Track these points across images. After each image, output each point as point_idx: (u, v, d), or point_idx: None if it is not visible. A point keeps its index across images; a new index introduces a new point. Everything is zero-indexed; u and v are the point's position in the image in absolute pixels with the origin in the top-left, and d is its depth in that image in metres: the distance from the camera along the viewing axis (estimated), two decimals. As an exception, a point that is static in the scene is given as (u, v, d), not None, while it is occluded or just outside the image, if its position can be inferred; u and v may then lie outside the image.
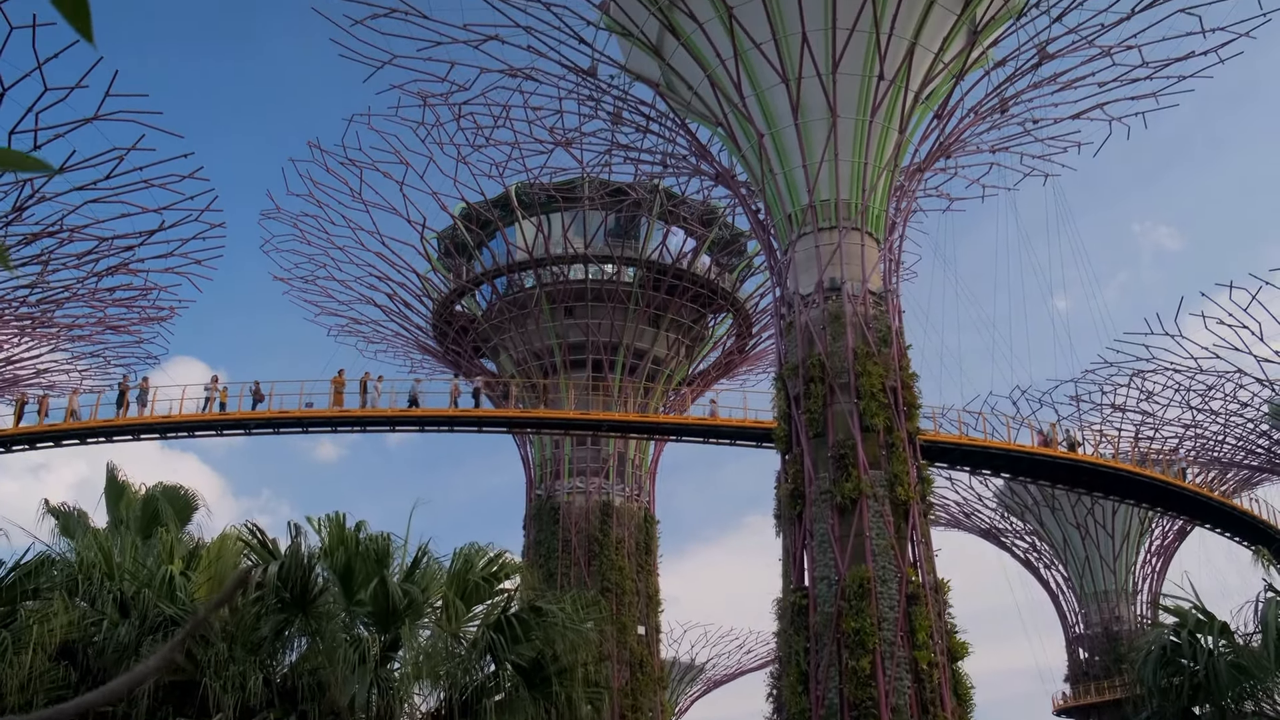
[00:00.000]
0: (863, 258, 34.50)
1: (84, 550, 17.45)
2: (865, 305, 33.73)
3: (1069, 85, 42.08)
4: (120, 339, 53.86)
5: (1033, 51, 39.40)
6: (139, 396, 41.75)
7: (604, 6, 38.28)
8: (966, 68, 37.71)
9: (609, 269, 56.01)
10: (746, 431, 43.20)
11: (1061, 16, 38.30)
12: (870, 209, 35.14)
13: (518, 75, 41.78)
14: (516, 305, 56.37)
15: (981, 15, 36.95)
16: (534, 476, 57.04)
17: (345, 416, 42.16)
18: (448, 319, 58.52)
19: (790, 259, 35.43)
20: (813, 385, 32.75)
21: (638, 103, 42.51)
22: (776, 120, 35.63)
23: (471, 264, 57.40)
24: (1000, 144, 45.48)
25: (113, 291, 48.86)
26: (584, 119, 45.46)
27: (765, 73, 35.48)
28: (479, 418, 44.65)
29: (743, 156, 37.62)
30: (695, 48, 36.68)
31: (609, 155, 48.51)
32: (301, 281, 58.12)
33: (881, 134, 35.38)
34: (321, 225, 54.68)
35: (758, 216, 38.60)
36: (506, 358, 57.95)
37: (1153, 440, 61.57)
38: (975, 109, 39.93)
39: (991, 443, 44.44)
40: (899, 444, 32.04)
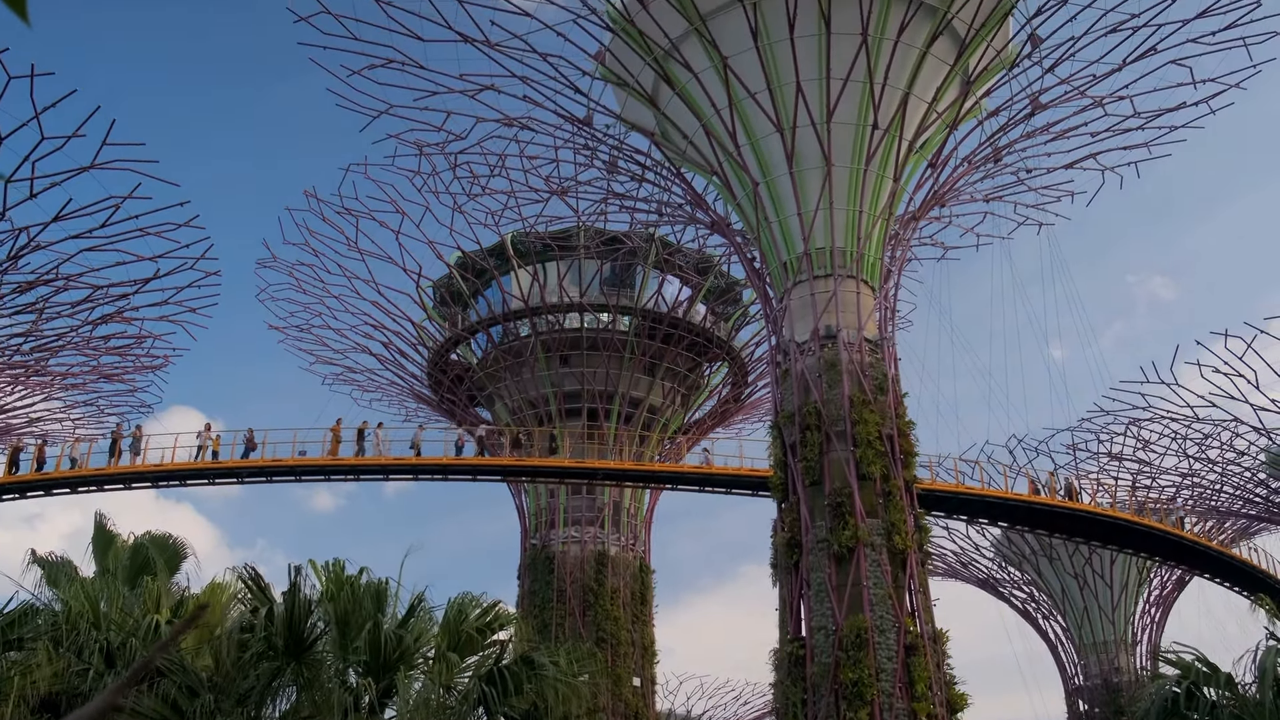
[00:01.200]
0: (858, 305, 34.49)
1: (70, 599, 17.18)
2: (861, 353, 33.66)
3: (1062, 135, 42.37)
4: (114, 387, 53.74)
5: (1025, 102, 39.71)
6: (132, 445, 41.47)
7: (599, 57, 38.57)
8: (960, 117, 37.96)
9: (604, 318, 56.00)
10: (742, 480, 42.94)
11: (1054, 67, 38.63)
12: (865, 257, 35.19)
13: (514, 125, 42.01)
14: (512, 354, 56.27)
15: (974, 66, 37.26)
16: (529, 526, 56.64)
17: (339, 465, 41.87)
18: (443, 368, 58.39)
19: (786, 307, 35.41)
20: (809, 433, 32.59)
21: (633, 152, 42.73)
22: (771, 169, 35.78)
23: (467, 313, 57.38)
24: (994, 193, 45.72)
25: (107, 340, 48.77)
26: (580, 168, 45.68)
27: (760, 122, 35.68)
28: (473, 466, 44.37)
29: (738, 205, 37.73)
30: (690, 97, 36.92)
31: (605, 204, 48.70)
32: (297, 330, 58.08)
33: (876, 182, 35.52)
34: (317, 274, 54.74)
35: (753, 265, 38.65)
36: (502, 406, 57.75)
37: (1150, 489, 61.33)
38: (969, 158, 40.17)
39: (989, 491, 44.21)
40: (896, 492, 31.83)
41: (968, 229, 49.47)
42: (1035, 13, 36.48)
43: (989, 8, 35.68)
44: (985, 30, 36.13)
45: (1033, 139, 41.72)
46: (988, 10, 35.70)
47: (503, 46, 37.38)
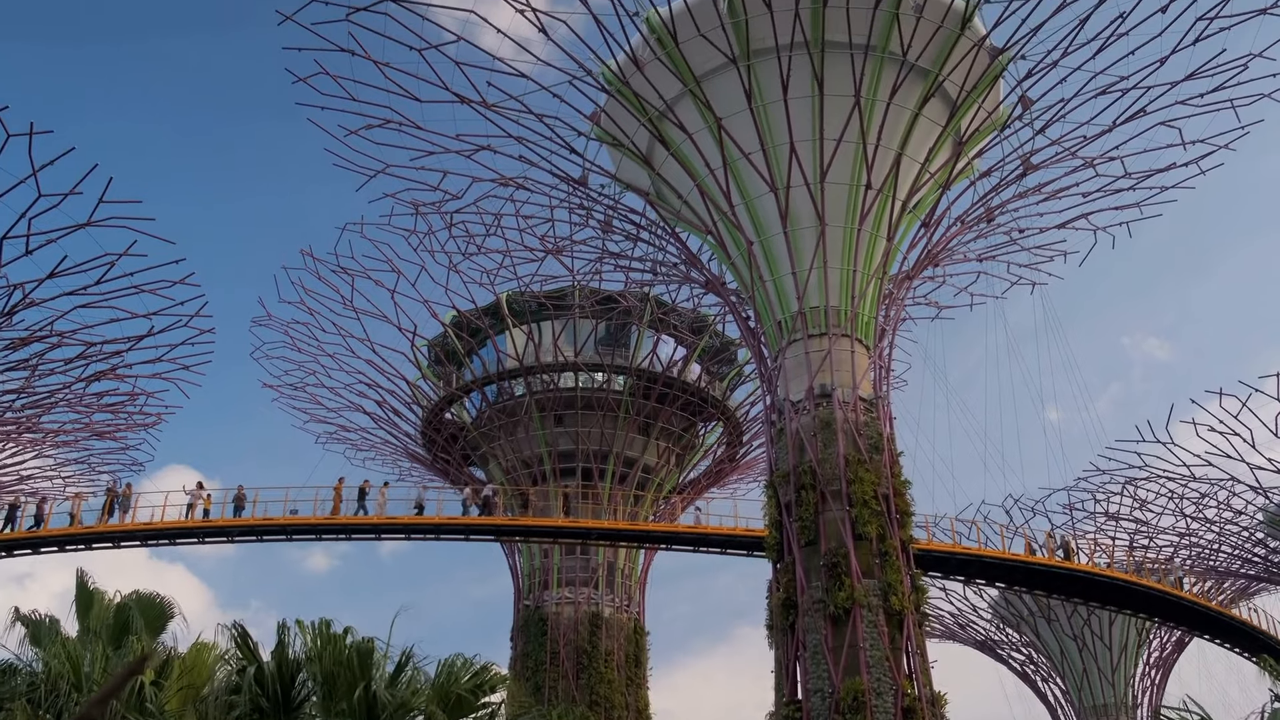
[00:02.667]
0: (853, 364, 34.45)
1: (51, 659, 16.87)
2: (856, 412, 33.56)
3: (1053, 196, 42.67)
4: (105, 445, 53.49)
5: (1017, 162, 40.02)
6: (121, 503, 41.13)
7: (595, 117, 38.89)
8: (952, 178, 38.24)
9: (599, 377, 55.95)
10: (737, 540, 42.63)
11: (1045, 129, 39.01)
12: (860, 316, 35.23)
13: (510, 184, 42.24)
14: (506, 413, 56.13)
15: (966, 127, 37.61)
16: (522, 587, 56.13)
17: (330, 524, 41.52)
18: (437, 426, 58.20)
19: (780, 365, 35.38)
20: (804, 492, 32.38)
21: (628, 211, 42.94)
22: (766, 228, 35.94)
23: (461, 372, 57.33)
24: (987, 253, 45.94)
25: (100, 397, 48.63)
26: (575, 227, 45.88)
27: (754, 182, 35.91)
28: (466, 526, 44.02)
29: (732, 264, 37.85)
30: (685, 157, 37.19)
31: (600, 263, 48.85)
32: (291, 388, 58.01)
33: (870, 242, 35.67)
34: (312, 332, 54.79)
35: (748, 323, 38.68)
36: (496, 466, 57.50)
37: (1147, 549, 60.93)
38: (962, 218, 40.39)
39: (986, 551, 43.88)
40: (892, 553, 31.54)
41: (961, 288, 49.67)
42: (1026, 75, 36.91)
43: (980, 70, 36.10)
44: (976, 92, 36.52)
45: (1025, 199, 42.00)
46: (979, 73, 36.11)
47: (499, 107, 37.71)
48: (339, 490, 42.33)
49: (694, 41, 35.17)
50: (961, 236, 41.43)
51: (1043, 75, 36.77)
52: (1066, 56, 36.08)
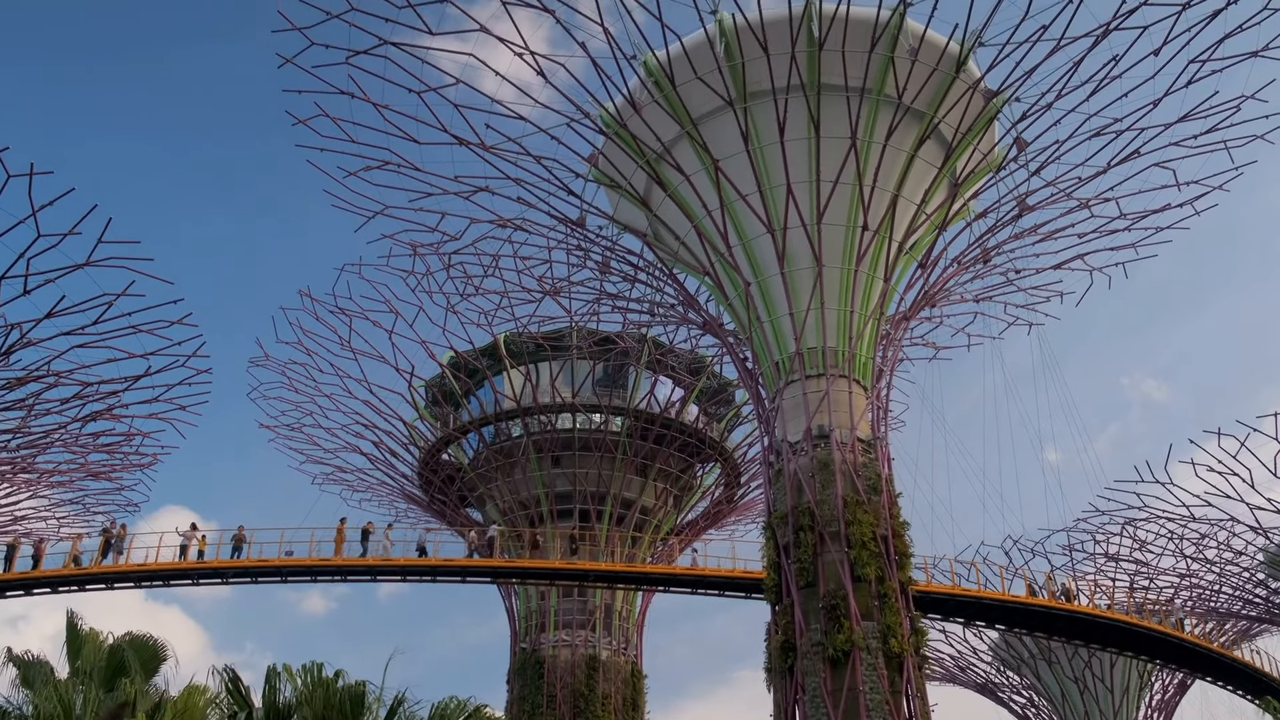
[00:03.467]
0: (851, 405, 34.42)
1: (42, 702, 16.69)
2: (854, 453, 33.48)
3: (1049, 236, 42.84)
4: (100, 485, 53.28)
5: (1013, 204, 40.22)
6: (115, 544, 40.88)
7: (593, 159, 39.11)
8: (948, 219, 38.40)
9: (597, 418, 55.84)
10: (736, 582, 42.35)
11: (1040, 170, 39.22)
12: (857, 357, 35.25)
13: (508, 225, 42.41)
14: (503, 454, 55.97)
15: (961, 169, 37.82)
16: (519, 629, 55.68)
17: (325, 565, 41.25)
18: (434, 468, 58.01)
19: (778, 406, 35.33)
20: (802, 534, 32.23)
21: (626, 252, 43.06)
22: (763, 269, 36.04)
23: (459, 413, 57.23)
24: (984, 293, 46.03)
25: (96, 437, 48.49)
26: (572, 268, 46.01)
27: (751, 223, 36.05)
28: (462, 567, 43.73)
29: (730, 305, 37.91)
30: (682, 199, 37.35)
31: (597, 304, 48.92)
32: (287, 429, 57.86)
33: (867, 283, 35.76)
34: (309, 373, 54.76)
35: (745, 364, 38.68)
36: (493, 507, 57.25)
37: (1148, 590, 60.59)
38: (958, 259, 40.51)
39: (985, 593, 43.61)
40: (891, 594, 31.35)
41: (959, 329, 49.77)
42: (1020, 117, 37.17)
43: (975, 112, 36.36)
44: (971, 134, 36.76)
45: (1021, 240, 42.17)
46: (973, 115, 36.38)
47: (498, 149, 37.93)
48: (341, 531, 42.09)
49: (691, 84, 35.45)
50: (958, 277, 41.56)
51: (1037, 117, 37.06)
52: (1061, 99, 36.37)
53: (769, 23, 33.95)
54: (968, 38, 34.71)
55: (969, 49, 35.05)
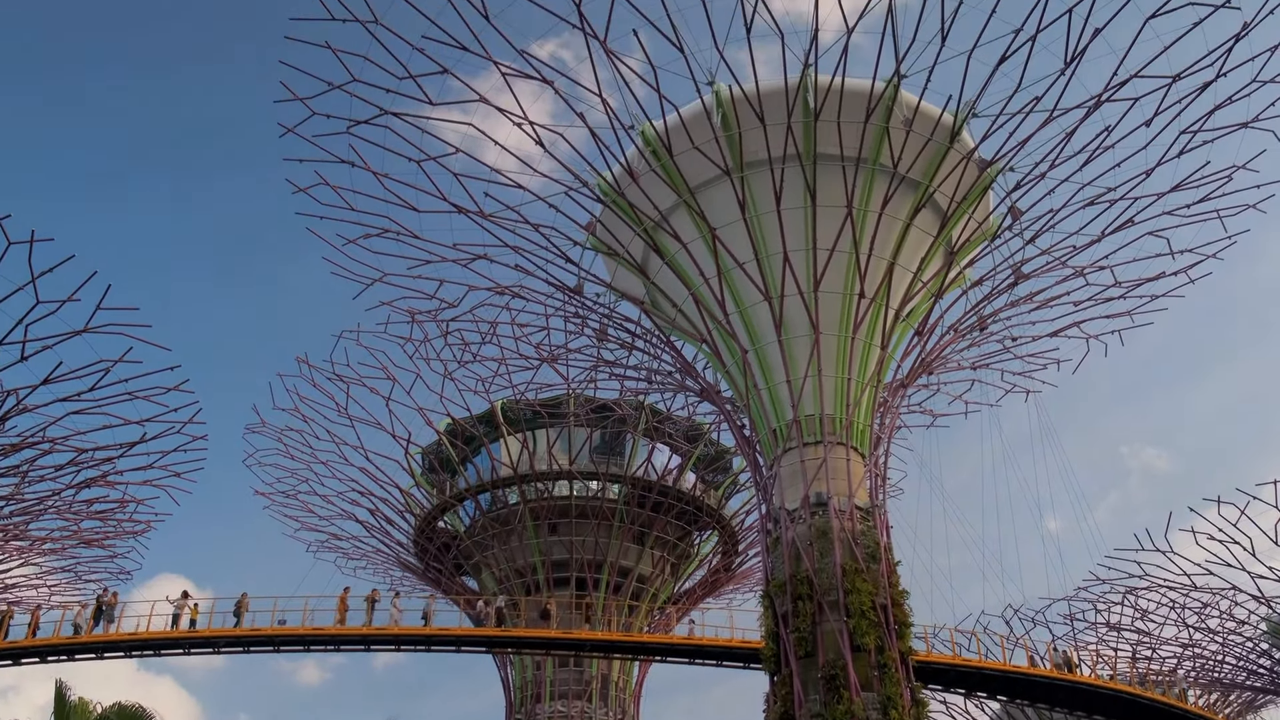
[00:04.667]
0: (849, 473, 34.26)
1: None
2: (852, 521, 33.26)
3: (1045, 304, 43.00)
4: (93, 553, 52.86)
5: (1008, 271, 40.42)
6: (105, 612, 40.40)
7: (590, 227, 39.36)
8: (945, 287, 38.56)
9: (594, 486, 55.64)
10: (734, 652, 41.87)
11: (1034, 239, 39.47)
12: (855, 424, 35.17)
13: (506, 293, 42.56)
14: (500, 522, 55.66)
15: (957, 237, 38.06)
16: (514, 700, 54.95)
17: (319, 635, 40.73)
18: (429, 535, 57.65)
19: (776, 474, 35.17)
20: (801, 603, 31.90)
21: (623, 320, 43.16)
22: (760, 337, 36.10)
23: (455, 480, 57.02)
24: (981, 361, 46.10)
25: (90, 504, 48.20)
26: (570, 336, 46.10)
27: (748, 291, 36.18)
28: (457, 637, 43.19)
29: (727, 372, 37.92)
30: (680, 267, 37.53)
31: (595, 372, 48.92)
32: (283, 496, 57.59)
33: (864, 350, 35.80)
34: (306, 440, 54.66)
35: (743, 432, 38.57)
36: (488, 575, 56.79)
37: (1150, 660, 59.93)
38: (955, 326, 40.61)
39: (987, 663, 43.10)
40: (891, 665, 30.94)
41: (956, 396, 49.74)
42: (1015, 186, 37.50)
43: (969, 182, 36.69)
44: (966, 203, 37.06)
45: (1017, 308, 42.33)
46: (968, 184, 36.70)
47: (496, 217, 38.19)
48: (343, 600, 41.66)
49: (688, 154, 35.80)
50: (955, 345, 41.64)
51: (1031, 186, 37.38)
52: (1054, 168, 36.73)
53: (765, 94, 34.38)
54: (961, 109, 35.14)
55: (963, 120, 35.47)
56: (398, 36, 33.08)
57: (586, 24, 31.75)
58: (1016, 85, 33.68)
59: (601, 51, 32.58)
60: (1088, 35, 32.46)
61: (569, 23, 31.69)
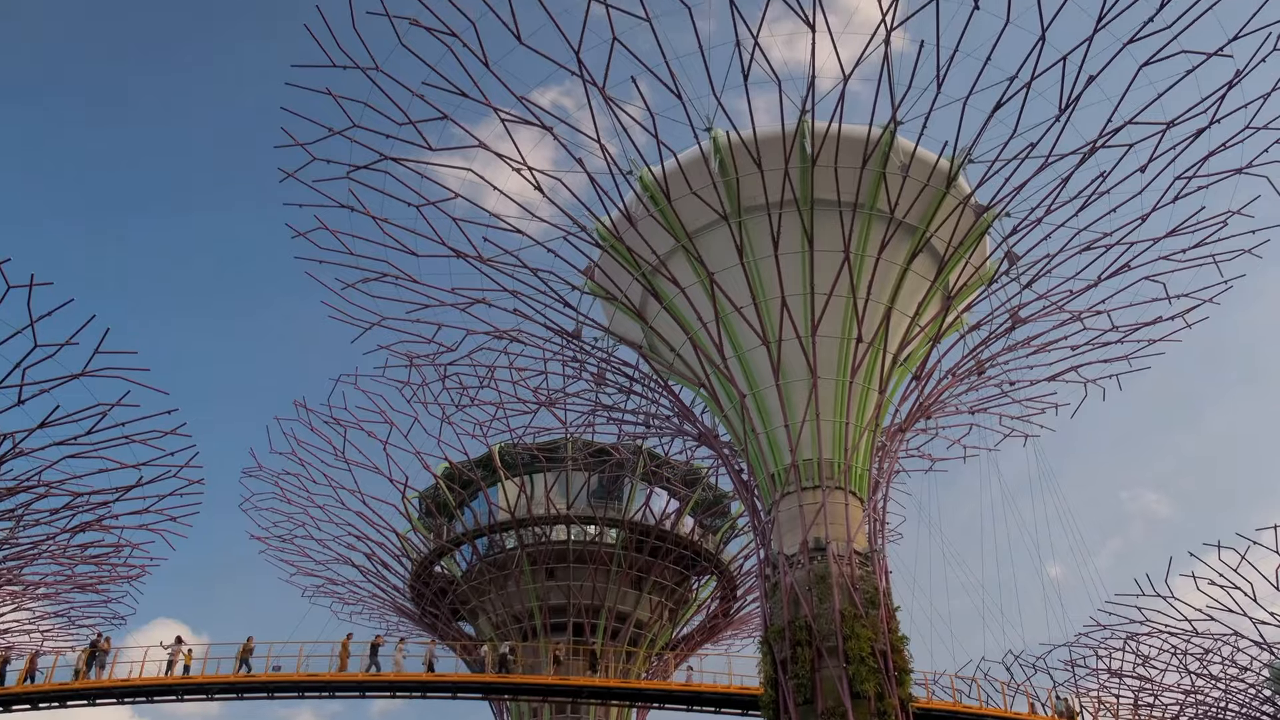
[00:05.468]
0: (847, 517, 34.14)
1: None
2: (851, 566, 33.08)
3: (1042, 348, 43.06)
4: (87, 598, 52.48)
5: (1005, 316, 40.54)
6: (99, 658, 40.08)
7: (589, 272, 39.48)
8: (942, 331, 38.64)
9: (591, 530, 55.40)
10: (732, 698, 41.52)
11: (1031, 283, 39.62)
12: (853, 468, 35.09)
13: (504, 337, 42.61)
14: (497, 566, 55.34)
15: (954, 282, 38.19)
16: (510, 747, 54.35)
17: (313, 681, 40.37)
18: (426, 580, 57.30)
19: (774, 519, 35.04)
20: (800, 649, 31.65)
21: (621, 364, 43.19)
22: (758, 381, 36.11)
23: (452, 524, 56.78)
24: (979, 405, 46.10)
25: (84, 549, 47.93)
26: (568, 380, 46.07)
27: (746, 335, 36.24)
28: (454, 683, 42.84)
29: (725, 417, 37.89)
30: (678, 311, 37.62)
31: (592, 416, 48.85)
32: (279, 540, 57.32)
33: (862, 395, 35.80)
34: (303, 483, 54.49)
35: (741, 476, 38.48)
36: (485, 620, 56.38)
37: (1153, 707, 59.36)
38: (953, 371, 40.66)
39: (988, 710, 42.72)
40: (891, 712, 30.65)
41: (954, 440, 49.69)
42: (1011, 231, 37.68)
43: (966, 227, 36.87)
44: (963, 248, 37.23)
45: (1014, 352, 42.40)
46: (965, 229, 36.88)
47: (495, 261, 38.32)
48: (345, 647, 41.36)
49: (686, 199, 36.01)
50: (953, 389, 41.66)
51: (1027, 231, 37.56)
52: (1050, 214, 36.93)
53: (762, 139, 34.64)
54: (957, 155, 35.42)
55: (959, 166, 35.73)
56: (398, 83, 33.37)
57: (585, 71, 32.05)
58: (1012, 131, 33.98)
59: (600, 98, 32.86)
60: (1082, 82, 32.77)
61: (568, 69, 31.98)
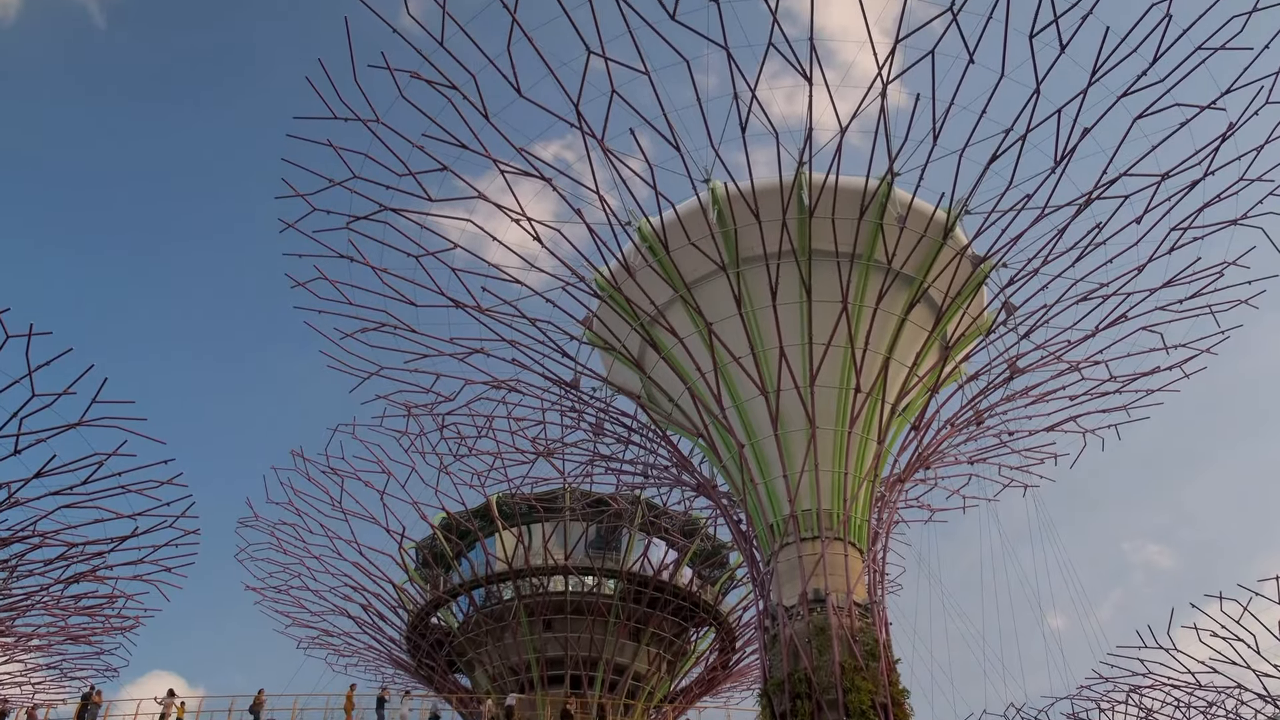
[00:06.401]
0: (847, 568, 33.94)
1: None
2: (851, 617, 32.84)
3: (1041, 399, 43.06)
4: (80, 650, 51.93)
5: (1004, 366, 40.57)
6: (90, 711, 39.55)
7: (587, 322, 39.55)
8: (941, 381, 38.66)
9: (589, 581, 55.01)
10: (732, 753, 41.03)
11: (1029, 334, 39.70)
12: (852, 519, 34.95)
13: (502, 387, 42.61)
14: (494, 618, 54.88)
15: (952, 332, 38.27)
16: (507, 803, 53.57)
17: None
18: (422, 631, 56.79)
19: (773, 570, 34.83)
20: (799, 702, 31.33)
21: (619, 414, 43.16)
22: (756, 431, 36.06)
23: (449, 575, 56.38)
24: (978, 455, 46.00)
25: (78, 600, 47.48)
26: (566, 430, 46.00)
27: (745, 385, 36.24)
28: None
29: (723, 467, 37.79)
30: (676, 361, 37.64)
31: (590, 466, 48.74)
32: (275, 591, 56.87)
33: (860, 445, 35.74)
34: (299, 533, 54.18)
35: (739, 527, 38.31)
36: (482, 672, 55.82)
37: (1158, 762, 58.64)
38: (951, 421, 40.62)
39: (990, 766, 42.24)
40: (892, 766, 30.32)
41: (954, 490, 49.52)
42: (1008, 282, 37.82)
43: (963, 277, 37.01)
44: (961, 299, 37.35)
45: (1013, 402, 42.38)
46: (962, 280, 37.02)
47: (493, 311, 38.41)
48: (350, 699, 40.85)
49: (685, 249, 36.16)
50: (951, 439, 41.60)
51: (1025, 282, 37.71)
52: (1047, 264, 37.11)
53: (760, 191, 34.85)
54: (954, 206, 35.62)
55: (956, 217, 35.93)
56: (398, 134, 33.62)
57: (584, 123, 32.30)
58: (1008, 183, 34.22)
59: (600, 150, 33.11)
60: (1077, 134, 33.06)
61: (567, 122, 32.23)
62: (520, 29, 30.48)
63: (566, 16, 30.22)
